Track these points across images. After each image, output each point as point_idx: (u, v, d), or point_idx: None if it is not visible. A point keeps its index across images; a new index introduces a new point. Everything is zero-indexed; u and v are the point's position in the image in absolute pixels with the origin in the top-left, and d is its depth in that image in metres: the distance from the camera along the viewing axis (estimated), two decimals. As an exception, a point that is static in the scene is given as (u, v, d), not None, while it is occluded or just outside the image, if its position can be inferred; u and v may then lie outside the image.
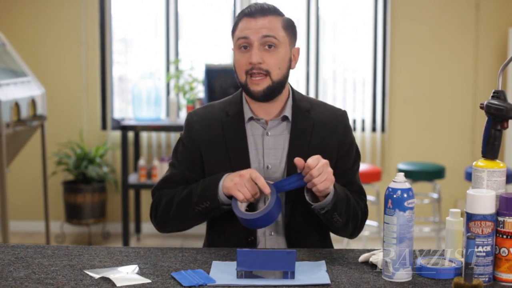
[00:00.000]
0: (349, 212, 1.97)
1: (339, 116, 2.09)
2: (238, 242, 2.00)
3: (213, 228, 2.10)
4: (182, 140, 2.09)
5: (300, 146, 2.01)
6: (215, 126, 2.05)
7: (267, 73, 1.95)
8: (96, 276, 1.70)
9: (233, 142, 2.02)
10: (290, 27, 2.01)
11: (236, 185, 1.86)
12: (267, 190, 1.85)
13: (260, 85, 1.96)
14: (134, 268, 1.75)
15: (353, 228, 2.04)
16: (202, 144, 2.05)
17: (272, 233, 2.04)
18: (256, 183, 1.86)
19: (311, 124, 2.04)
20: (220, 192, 1.90)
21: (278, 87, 1.99)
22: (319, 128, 2.04)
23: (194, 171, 2.06)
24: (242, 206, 1.88)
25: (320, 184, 1.83)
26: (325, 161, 1.85)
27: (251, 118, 2.04)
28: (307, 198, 1.91)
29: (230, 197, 1.90)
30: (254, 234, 2.02)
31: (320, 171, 1.82)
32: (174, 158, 2.10)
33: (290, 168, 2.00)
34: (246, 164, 2.01)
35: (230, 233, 2.04)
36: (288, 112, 2.04)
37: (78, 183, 5.12)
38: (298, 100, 2.06)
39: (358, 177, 2.11)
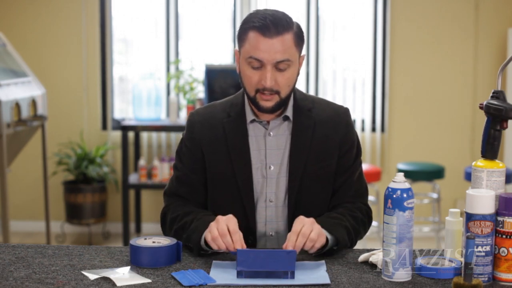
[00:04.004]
0: (351, 238, 1.97)
1: (342, 114, 2.08)
2: None
3: None
4: (184, 141, 2.09)
5: (301, 145, 2.02)
6: (217, 127, 2.05)
7: (277, 92, 1.95)
8: (93, 277, 1.70)
9: (235, 143, 2.02)
10: (299, 39, 1.96)
11: (214, 239, 1.82)
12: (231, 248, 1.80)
13: (270, 101, 1.95)
14: (128, 269, 1.76)
15: (360, 237, 2.06)
16: (204, 144, 2.05)
17: (273, 234, 2.04)
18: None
19: (313, 123, 2.03)
20: (203, 242, 1.88)
21: (286, 101, 1.99)
22: (321, 127, 2.04)
23: (198, 172, 2.06)
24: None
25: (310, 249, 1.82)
26: (308, 221, 1.83)
27: (253, 120, 2.04)
28: None
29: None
30: (254, 234, 2.03)
31: (304, 237, 1.81)
32: (177, 160, 2.10)
33: (292, 168, 2.00)
34: (247, 165, 2.01)
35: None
36: (289, 112, 2.04)
37: (79, 183, 5.13)
38: (299, 99, 2.06)
39: (361, 174, 2.10)
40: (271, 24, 1.89)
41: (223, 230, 1.81)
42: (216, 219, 1.85)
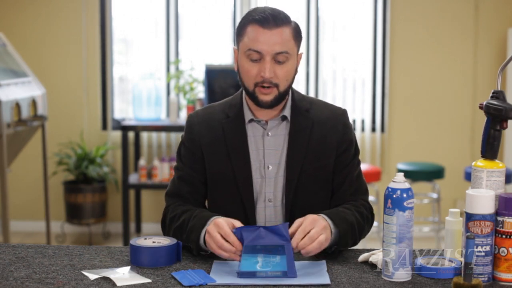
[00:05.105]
0: (355, 235, 1.96)
1: (339, 115, 2.09)
2: None
3: None
4: (184, 142, 2.10)
5: (299, 145, 2.02)
6: (216, 128, 2.06)
7: (276, 85, 1.96)
8: (93, 277, 1.70)
9: (234, 143, 2.03)
10: (298, 35, 1.99)
11: (214, 250, 1.81)
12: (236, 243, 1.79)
13: (268, 95, 1.96)
14: (128, 269, 1.76)
15: (364, 235, 2.05)
16: (204, 145, 2.06)
17: None
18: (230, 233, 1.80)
19: (310, 124, 2.04)
20: (202, 242, 1.88)
21: (284, 95, 2.00)
22: (319, 128, 2.05)
23: (198, 171, 2.07)
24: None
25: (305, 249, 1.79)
26: (322, 225, 1.82)
27: (251, 120, 2.05)
28: None
29: None
30: None
31: (308, 237, 1.79)
32: (178, 161, 2.11)
33: (289, 168, 2.01)
34: (247, 165, 2.01)
35: None
36: (287, 112, 2.05)
37: (79, 183, 5.13)
38: (297, 100, 2.07)
39: (360, 173, 2.10)
40: (270, 16, 1.93)
41: (218, 241, 1.79)
42: (207, 232, 1.83)
